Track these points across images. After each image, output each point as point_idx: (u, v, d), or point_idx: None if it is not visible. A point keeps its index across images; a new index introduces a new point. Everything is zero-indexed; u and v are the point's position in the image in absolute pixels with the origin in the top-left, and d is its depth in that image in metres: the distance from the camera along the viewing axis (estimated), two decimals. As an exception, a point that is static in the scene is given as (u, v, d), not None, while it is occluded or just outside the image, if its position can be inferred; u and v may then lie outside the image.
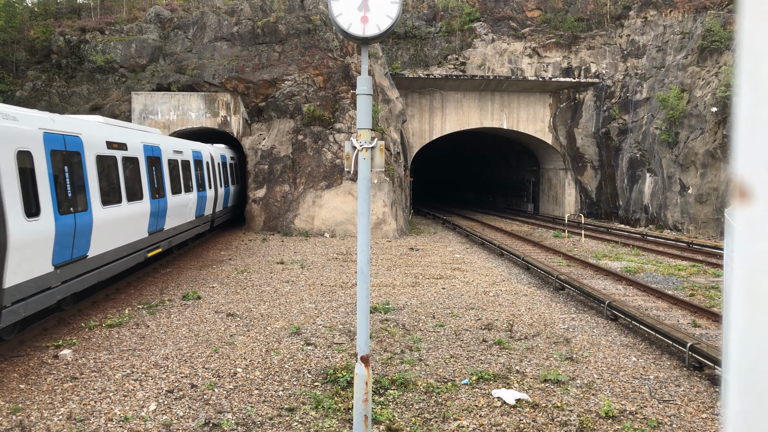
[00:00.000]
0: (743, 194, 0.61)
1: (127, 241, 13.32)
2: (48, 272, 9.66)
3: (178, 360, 9.23)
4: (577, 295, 14.18)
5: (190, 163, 19.37)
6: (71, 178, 10.70)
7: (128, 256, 13.56)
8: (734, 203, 0.63)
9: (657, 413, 7.55)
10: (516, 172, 44.85)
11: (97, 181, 11.78)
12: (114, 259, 12.70)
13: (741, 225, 0.62)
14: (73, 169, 10.88)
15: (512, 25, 34.45)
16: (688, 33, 30.43)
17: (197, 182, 19.89)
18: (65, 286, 10.44)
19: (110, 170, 12.64)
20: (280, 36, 28.10)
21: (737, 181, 0.62)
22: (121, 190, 13.10)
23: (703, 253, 21.17)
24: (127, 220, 13.23)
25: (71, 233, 10.45)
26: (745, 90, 0.61)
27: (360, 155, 5.17)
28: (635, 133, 31.79)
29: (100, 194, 11.86)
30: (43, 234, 9.30)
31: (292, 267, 17.69)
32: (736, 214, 0.62)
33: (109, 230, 12.18)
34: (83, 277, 11.17)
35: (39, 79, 28.30)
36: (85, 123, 12.12)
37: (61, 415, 7.21)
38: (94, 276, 11.67)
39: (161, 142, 16.65)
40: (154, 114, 28.06)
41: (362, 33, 5.07)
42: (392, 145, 27.32)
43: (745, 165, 0.61)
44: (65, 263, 10.30)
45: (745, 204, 0.61)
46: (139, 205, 14.07)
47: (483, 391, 8.17)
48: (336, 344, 10.15)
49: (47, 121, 10.20)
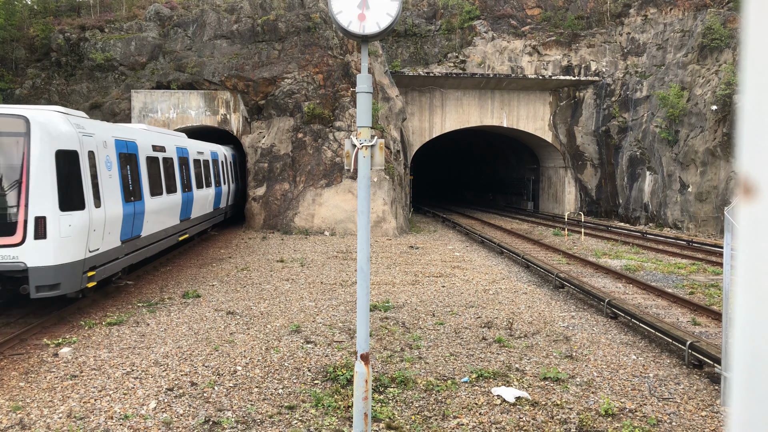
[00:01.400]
0: (748, 190, 0.61)
1: (166, 226, 16.25)
2: (117, 246, 12.68)
3: (178, 358, 9.23)
4: (576, 293, 14.18)
5: (209, 162, 22.27)
6: (131, 174, 13.73)
7: (166, 239, 16.49)
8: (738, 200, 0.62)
9: (656, 411, 7.55)
10: (516, 170, 44.85)
11: (147, 177, 14.74)
12: (157, 240, 15.60)
13: (745, 221, 0.61)
14: (132, 167, 13.86)
15: (512, 23, 34.42)
16: (688, 31, 30.41)
17: (215, 179, 22.81)
18: (127, 258, 13.40)
19: (155, 168, 15.56)
20: (280, 34, 28.07)
21: (742, 177, 0.62)
22: (162, 184, 16.00)
23: (703, 251, 21.18)
24: (166, 209, 16.18)
25: (132, 217, 13.43)
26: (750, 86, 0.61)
27: (360, 153, 5.16)
28: (635, 132, 31.78)
29: (149, 187, 14.83)
30: (113, 216, 12.30)
31: (292, 265, 17.70)
32: (740, 210, 0.62)
33: (154, 216, 15.10)
34: (137, 252, 14.12)
35: (38, 77, 28.27)
36: (137, 130, 15.32)
37: (61, 413, 7.21)
38: (145, 252, 14.61)
39: (188, 145, 19.60)
40: (153, 112, 28.04)
41: (362, 31, 5.07)
42: (392, 144, 27.31)
43: (749, 161, 0.61)
44: (127, 240, 13.30)
45: (750, 200, 0.61)
46: (174, 196, 17.04)
47: (483, 389, 8.17)
48: (336, 342, 10.16)
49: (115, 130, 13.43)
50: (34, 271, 10.19)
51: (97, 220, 11.46)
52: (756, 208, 0.61)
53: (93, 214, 11.33)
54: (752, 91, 0.61)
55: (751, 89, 0.61)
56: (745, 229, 0.61)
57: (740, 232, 0.62)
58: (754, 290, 0.60)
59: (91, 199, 11.30)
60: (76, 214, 10.87)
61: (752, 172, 0.61)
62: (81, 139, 11.27)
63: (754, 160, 0.61)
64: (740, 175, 0.62)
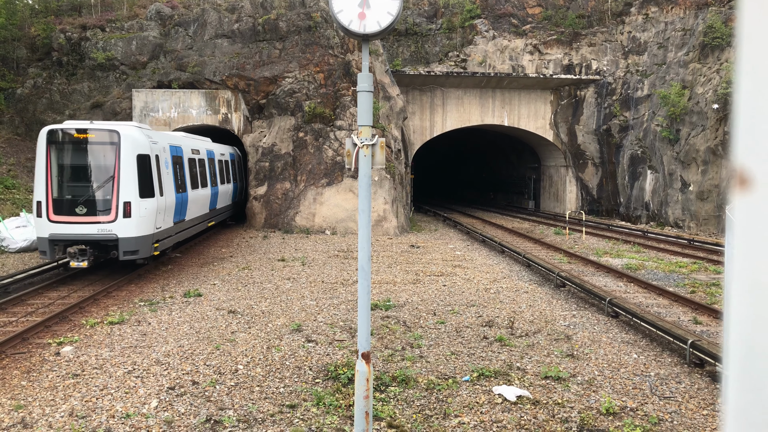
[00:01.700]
0: (743, 182, 0.61)
1: (201, 213, 20.16)
2: (171, 226, 16.46)
3: (179, 357, 9.24)
4: (578, 292, 14.18)
5: (227, 162, 25.67)
6: (179, 172, 17.51)
7: (200, 223, 20.38)
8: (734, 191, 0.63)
9: (658, 410, 7.56)
10: (517, 169, 44.82)
11: (189, 174, 18.54)
12: (195, 223, 19.56)
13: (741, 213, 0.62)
14: (180, 166, 17.68)
15: (513, 21, 34.40)
16: (689, 30, 30.37)
17: (231, 176, 26.23)
18: (176, 236, 17.23)
19: (194, 167, 19.33)
20: (280, 33, 28.07)
21: (737, 168, 0.62)
22: (198, 179, 19.71)
23: (704, 250, 21.16)
24: (201, 199, 19.99)
25: (180, 204, 17.24)
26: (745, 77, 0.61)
27: (361, 152, 5.16)
28: (636, 130, 31.75)
29: (190, 182, 18.65)
30: (167, 204, 15.93)
31: (293, 264, 17.71)
32: (736, 202, 0.62)
33: (194, 205, 18.97)
34: (183, 232, 17.98)
35: (40, 76, 28.29)
36: (180, 137, 19.02)
37: (63, 411, 7.22)
38: (187, 232, 18.60)
39: (214, 148, 23.27)
40: (155, 111, 28.06)
41: (363, 30, 5.06)
42: (393, 143, 27.30)
43: (745, 152, 0.61)
44: (177, 222, 17.16)
45: (745, 191, 0.61)
46: (206, 190, 20.80)
47: (484, 387, 8.17)
48: (337, 341, 10.17)
49: (169, 138, 17.33)
50: (122, 240, 14.14)
51: (161, 206, 15.35)
52: (751, 199, 0.61)
53: (159, 201, 15.20)
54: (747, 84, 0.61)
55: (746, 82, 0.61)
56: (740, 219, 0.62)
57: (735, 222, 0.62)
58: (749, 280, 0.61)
59: (157, 189, 15.15)
60: (149, 200, 14.71)
61: (747, 163, 0.61)
62: (151, 146, 15.11)
63: (748, 152, 0.61)
64: (735, 166, 0.62)
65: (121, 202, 14.16)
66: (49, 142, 14.41)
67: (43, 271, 15.31)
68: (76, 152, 14.43)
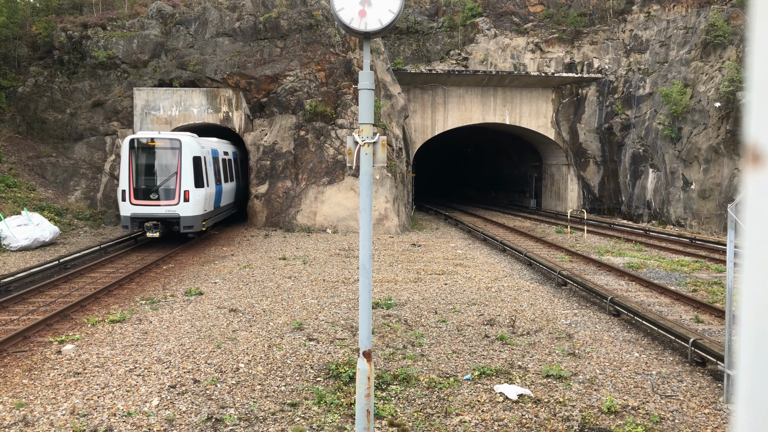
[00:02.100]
0: (756, 158, 0.60)
1: (228, 202, 24.92)
2: (212, 210, 21.57)
3: (180, 355, 9.25)
4: (579, 290, 14.17)
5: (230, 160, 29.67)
6: (215, 169, 22.30)
7: (227, 210, 25.16)
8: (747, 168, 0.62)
9: (659, 408, 7.54)
10: (518, 167, 44.79)
11: (222, 170, 23.47)
12: (225, 210, 24.46)
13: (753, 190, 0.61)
14: (216, 165, 22.43)
15: (515, 20, 34.35)
16: (691, 28, 30.30)
17: (245, 173, 29.87)
18: (214, 218, 22.37)
19: (224, 165, 24.14)
20: (281, 31, 28.04)
21: (750, 145, 0.62)
22: (227, 175, 24.62)
23: (706, 249, 21.13)
24: (229, 191, 24.88)
25: (217, 194, 22.23)
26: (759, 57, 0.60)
27: (362, 151, 5.15)
28: (638, 129, 31.70)
29: (223, 177, 23.52)
30: (210, 193, 21.07)
31: (294, 263, 17.71)
32: (748, 178, 0.62)
33: (225, 195, 23.90)
34: (218, 216, 23.16)
35: (41, 75, 28.29)
36: (214, 142, 23.58)
37: (64, 410, 7.23)
38: (220, 216, 23.62)
39: (235, 149, 27.55)
40: (156, 110, 28.06)
41: (364, 28, 5.05)
42: (394, 141, 27.28)
43: (758, 129, 0.61)
44: (215, 207, 22.21)
45: (757, 168, 0.60)
46: (232, 183, 25.63)
47: (485, 386, 8.17)
48: (338, 340, 10.16)
49: (210, 143, 22.46)
50: (182, 218, 19.38)
51: (207, 194, 20.59)
52: (763, 176, 0.60)
53: (206, 190, 20.43)
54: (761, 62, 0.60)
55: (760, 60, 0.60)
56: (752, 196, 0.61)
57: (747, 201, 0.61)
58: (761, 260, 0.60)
59: (205, 182, 20.31)
60: (200, 189, 19.94)
61: (760, 140, 0.61)
62: (200, 150, 20.45)
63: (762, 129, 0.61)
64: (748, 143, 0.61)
65: (182, 190, 19.42)
66: (130, 147, 19.45)
67: (44, 270, 15.34)
68: (150, 155, 19.62)
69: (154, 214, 19.28)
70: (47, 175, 26.53)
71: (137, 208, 19.23)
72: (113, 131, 27.67)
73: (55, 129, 27.54)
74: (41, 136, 27.45)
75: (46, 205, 24.13)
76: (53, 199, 25.25)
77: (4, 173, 24.60)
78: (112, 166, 27.18)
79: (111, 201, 26.71)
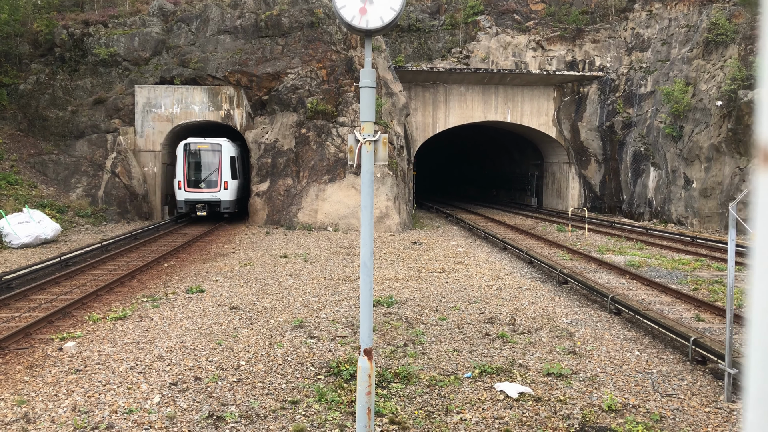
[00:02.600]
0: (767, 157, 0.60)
1: (246, 192, 29.35)
2: (236, 198, 27.62)
3: (181, 353, 9.26)
4: (580, 289, 14.17)
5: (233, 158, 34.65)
6: (236, 166, 27.46)
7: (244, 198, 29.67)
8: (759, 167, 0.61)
9: (660, 407, 7.55)
10: (519, 166, 44.76)
11: (239, 167, 28.24)
12: (242, 199, 28.88)
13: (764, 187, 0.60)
14: (235, 162, 27.46)
15: (516, 18, 34.30)
16: (693, 26, 30.25)
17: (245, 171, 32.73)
18: (240, 204, 28.38)
19: (241, 163, 28.87)
20: (283, 29, 28.02)
21: (762, 144, 0.61)
22: (242, 172, 29.30)
23: (707, 248, 21.12)
24: (247, 184, 29.31)
25: (242, 185, 28.54)
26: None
27: (363, 148, 5.15)
28: (639, 127, 31.66)
29: (243, 172, 28.91)
30: (240, 183, 28.22)
31: (295, 260, 17.72)
32: (760, 178, 0.61)
33: (245, 187, 29.35)
34: (242, 201, 28.55)
35: (42, 72, 28.30)
36: (232, 143, 27.88)
37: (65, 407, 7.24)
38: (242, 202, 28.83)
39: (239, 148, 30.60)
40: (157, 107, 28.06)
41: (365, 25, 5.04)
42: (396, 139, 27.27)
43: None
44: (241, 195, 28.43)
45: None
46: (240, 180, 28.98)
47: (486, 384, 8.17)
48: (339, 337, 10.17)
49: (237, 146, 28.47)
50: (223, 202, 26.52)
51: (239, 184, 27.72)
52: None
53: (238, 181, 27.44)
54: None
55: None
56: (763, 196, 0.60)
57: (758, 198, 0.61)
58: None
59: (238, 175, 27.43)
60: (234, 180, 26.96)
61: None
62: (234, 151, 27.22)
63: None
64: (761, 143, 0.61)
65: (223, 181, 26.45)
66: (183, 150, 26.25)
67: (46, 267, 15.36)
68: (198, 155, 26.47)
69: (202, 198, 26.33)
70: (48, 172, 26.55)
71: (189, 194, 26.29)
72: (114, 129, 27.68)
73: (57, 126, 27.55)
74: (42, 134, 27.47)
75: (48, 203, 24.15)
76: (54, 196, 25.27)
77: (5, 170, 24.61)
78: (113, 163, 27.19)
79: (112, 198, 26.73)
